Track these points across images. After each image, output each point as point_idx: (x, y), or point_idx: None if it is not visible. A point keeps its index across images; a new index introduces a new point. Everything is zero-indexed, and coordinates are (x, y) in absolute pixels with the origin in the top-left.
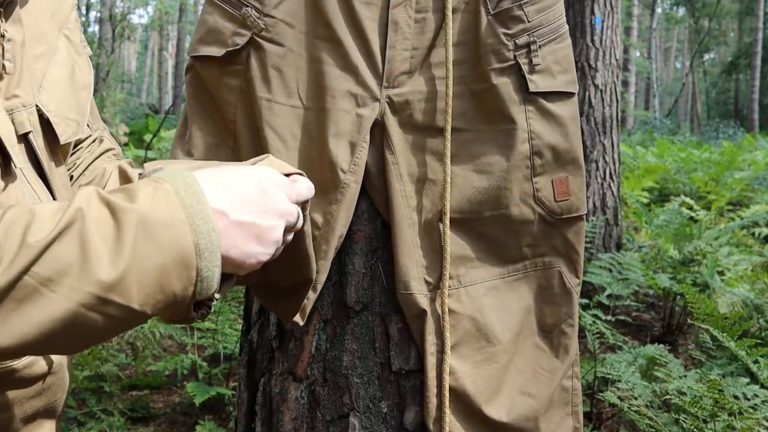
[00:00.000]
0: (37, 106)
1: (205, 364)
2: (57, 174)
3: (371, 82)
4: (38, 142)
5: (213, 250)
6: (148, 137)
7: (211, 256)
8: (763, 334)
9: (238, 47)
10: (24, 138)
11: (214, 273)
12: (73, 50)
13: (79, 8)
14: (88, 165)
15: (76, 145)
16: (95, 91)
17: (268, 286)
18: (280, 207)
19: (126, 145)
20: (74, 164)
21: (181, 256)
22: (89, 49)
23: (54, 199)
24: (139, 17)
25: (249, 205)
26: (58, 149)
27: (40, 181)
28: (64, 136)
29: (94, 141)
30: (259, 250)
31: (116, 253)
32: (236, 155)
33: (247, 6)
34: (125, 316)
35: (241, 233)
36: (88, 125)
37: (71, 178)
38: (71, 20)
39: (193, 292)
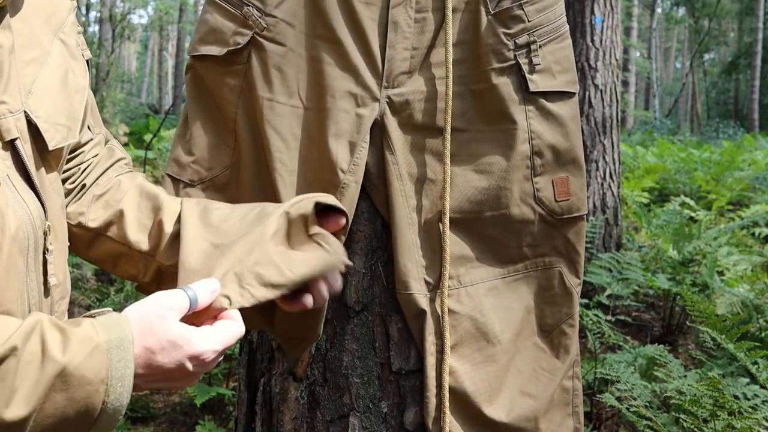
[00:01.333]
0: (25, 111)
1: None
2: (47, 180)
3: (371, 82)
4: (26, 148)
5: (119, 409)
6: (148, 137)
7: (115, 413)
8: (762, 335)
9: (239, 47)
10: (11, 144)
11: (112, 424)
12: (68, 54)
13: (79, 8)
14: (101, 174)
15: (75, 149)
16: (95, 91)
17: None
18: (195, 379)
19: (126, 145)
20: (79, 170)
21: (86, 411)
22: (88, 52)
23: (42, 205)
24: (139, 17)
25: (165, 382)
26: (48, 155)
27: (28, 187)
28: (53, 141)
29: (96, 145)
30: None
31: (29, 395)
32: (236, 155)
33: (249, 5)
34: None
35: (152, 385)
36: (89, 128)
37: (83, 186)
38: (67, 24)
39: None
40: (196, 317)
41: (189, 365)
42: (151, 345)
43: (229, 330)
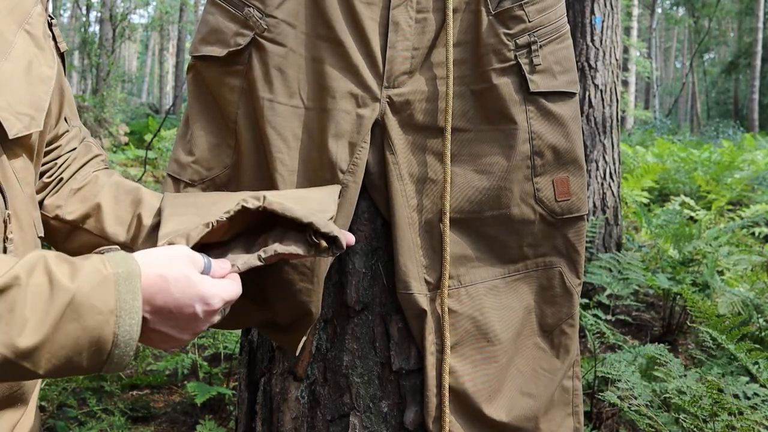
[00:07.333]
0: None
1: (205, 363)
2: (11, 169)
3: (371, 82)
4: None
5: (130, 343)
6: (148, 137)
7: (126, 347)
8: (762, 334)
9: (240, 47)
10: None
11: (124, 360)
12: (34, 44)
13: (79, 8)
14: (78, 169)
15: (52, 142)
16: (95, 91)
17: (268, 324)
18: (199, 329)
19: (126, 145)
20: (56, 164)
21: (98, 342)
22: (64, 44)
23: (2, 193)
24: (140, 17)
25: (173, 321)
26: (11, 144)
27: None
28: (14, 130)
29: (73, 138)
30: (169, 346)
31: (40, 323)
32: (237, 155)
33: (249, 6)
34: (25, 376)
35: (157, 336)
36: (65, 120)
37: (60, 180)
38: (33, 15)
39: (100, 370)
40: None
41: (198, 307)
42: (166, 273)
43: (232, 286)
